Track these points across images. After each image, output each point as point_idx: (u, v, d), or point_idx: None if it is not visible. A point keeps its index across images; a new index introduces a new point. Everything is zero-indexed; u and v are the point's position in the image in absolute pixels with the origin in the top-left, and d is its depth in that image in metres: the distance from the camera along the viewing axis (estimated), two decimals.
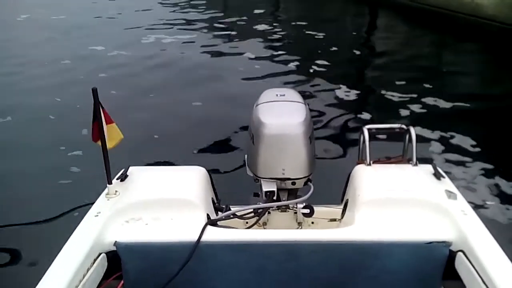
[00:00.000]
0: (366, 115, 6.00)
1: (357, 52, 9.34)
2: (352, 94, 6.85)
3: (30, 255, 3.56)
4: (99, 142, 1.87)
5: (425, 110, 6.24)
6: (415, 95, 6.66)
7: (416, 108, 6.28)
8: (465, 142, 5.23)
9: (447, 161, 4.73)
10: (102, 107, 1.84)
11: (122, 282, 1.75)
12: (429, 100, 6.51)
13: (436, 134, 5.39)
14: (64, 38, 10.40)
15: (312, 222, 2.26)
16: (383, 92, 6.87)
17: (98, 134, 1.86)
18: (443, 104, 6.42)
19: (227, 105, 6.27)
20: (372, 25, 12.40)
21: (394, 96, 6.72)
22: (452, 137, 5.36)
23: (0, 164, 5.01)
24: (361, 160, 2.24)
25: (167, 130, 5.73)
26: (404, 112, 6.15)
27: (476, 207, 1.88)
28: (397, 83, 7.16)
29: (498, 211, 3.87)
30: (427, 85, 7.08)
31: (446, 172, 2.12)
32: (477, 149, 5.07)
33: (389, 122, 2.36)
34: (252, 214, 2.08)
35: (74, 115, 5.91)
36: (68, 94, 6.93)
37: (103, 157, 1.89)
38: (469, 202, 1.88)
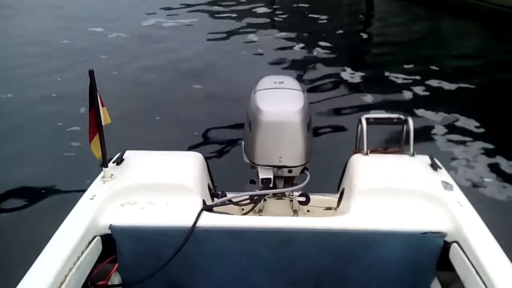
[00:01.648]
0: (364, 103, 5.95)
1: (360, 36, 9.28)
2: (352, 81, 6.81)
3: (24, 237, 3.55)
4: (95, 125, 1.85)
5: (425, 97, 6.21)
6: (416, 80, 6.63)
7: (416, 95, 6.25)
8: (466, 132, 5.21)
9: (445, 152, 4.73)
10: (97, 90, 1.82)
11: (116, 265, 1.76)
12: (431, 86, 6.48)
13: (435, 124, 5.38)
14: (62, 17, 10.31)
15: (308, 210, 2.26)
16: (383, 78, 6.82)
17: (94, 116, 1.84)
18: (445, 88, 6.40)
19: (225, 90, 6.23)
20: (371, 8, 12.28)
21: (394, 83, 6.68)
22: (451, 127, 5.34)
23: None
24: (358, 150, 2.24)
25: (164, 115, 5.70)
26: (403, 100, 6.12)
27: (473, 197, 1.87)
28: (398, 68, 7.12)
29: (494, 203, 3.90)
30: (428, 69, 7.05)
31: (443, 163, 2.12)
32: (477, 140, 5.05)
33: (387, 112, 2.35)
34: (248, 201, 2.08)
35: (74, 94, 5.87)
36: (69, 74, 6.91)
37: (99, 140, 1.88)
38: (466, 193, 1.88)
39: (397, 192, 1.83)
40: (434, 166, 2.03)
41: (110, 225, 1.71)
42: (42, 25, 9.77)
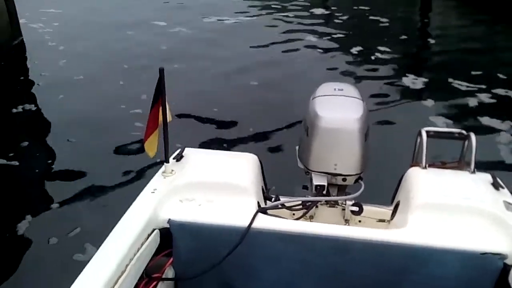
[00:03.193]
0: (425, 112, 5.77)
1: (422, 40, 8.95)
2: (414, 88, 6.60)
3: (87, 226, 3.73)
4: (160, 120, 1.92)
5: (490, 106, 5.95)
6: (481, 88, 6.36)
7: (481, 103, 6.00)
8: None
9: (509, 171, 4.51)
10: (165, 88, 1.89)
11: (171, 259, 1.82)
12: (497, 94, 6.20)
13: (499, 138, 5.15)
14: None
15: (360, 221, 2.24)
16: (446, 86, 6.57)
17: (158, 112, 1.91)
18: None
19: (282, 94, 6.24)
20: (430, 9, 11.84)
21: (458, 90, 6.42)
22: None
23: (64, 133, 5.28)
24: (415, 163, 2.19)
25: (220, 114, 5.80)
26: (467, 109, 5.88)
27: None
28: (462, 75, 6.82)
29: None
30: (494, 76, 6.74)
31: (505, 183, 2.04)
32: None
33: (450, 122, 2.29)
34: (301, 206, 2.09)
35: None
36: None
37: (164, 135, 1.95)
38: None
39: (456, 208, 1.79)
40: (496, 185, 1.95)
41: (169, 219, 1.77)
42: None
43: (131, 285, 1.59)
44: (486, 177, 2.03)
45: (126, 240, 1.61)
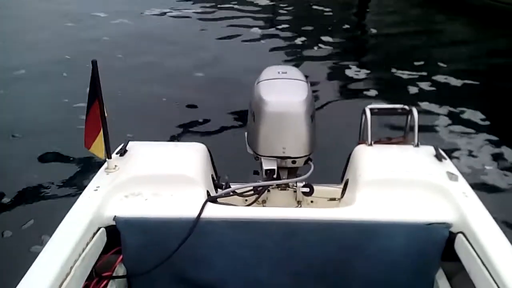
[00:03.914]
0: (369, 96, 5.94)
1: (366, 29, 9.19)
2: (357, 73, 6.77)
3: (28, 227, 3.54)
4: (99, 117, 1.84)
5: (431, 91, 6.18)
6: (422, 75, 6.59)
7: (422, 89, 6.22)
8: (470, 124, 5.21)
9: (449, 143, 4.73)
10: (99, 82, 1.80)
11: (121, 256, 1.76)
12: (437, 81, 6.44)
13: (440, 116, 5.37)
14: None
15: (312, 201, 2.26)
16: (388, 72, 6.79)
17: (97, 109, 1.82)
18: (452, 84, 6.37)
19: (228, 81, 6.22)
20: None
21: (400, 77, 6.64)
22: (456, 119, 5.32)
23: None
24: (362, 140, 2.23)
25: (166, 106, 5.69)
26: (408, 93, 6.09)
27: (478, 187, 1.87)
28: (404, 62, 7.07)
29: (500, 192, 3.88)
30: (435, 64, 7.00)
31: (447, 154, 2.11)
32: (482, 131, 5.05)
33: (391, 102, 2.34)
34: (252, 192, 2.08)
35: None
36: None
37: (103, 131, 1.87)
38: (471, 183, 1.87)
39: (402, 183, 1.83)
40: (438, 157, 2.02)
41: (115, 216, 1.71)
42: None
43: (79, 286, 1.52)
44: (429, 149, 2.09)
45: (69, 241, 1.54)
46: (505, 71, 6.95)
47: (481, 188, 3.79)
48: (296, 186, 2.23)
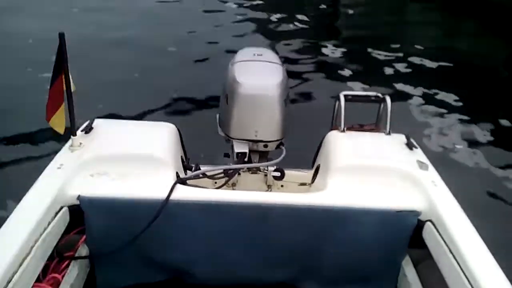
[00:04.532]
0: (344, 78, 5.92)
1: (343, 10, 9.15)
2: (333, 56, 6.76)
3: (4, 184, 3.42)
4: (62, 91, 1.75)
5: (406, 74, 6.24)
6: (399, 57, 6.65)
7: (397, 71, 6.28)
8: (443, 103, 5.30)
9: (420, 131, 4.77)
10: (66, 55, 1.72)
11: (84, 237, 1.70)
12: (413, 63, 6.51)
13: (413, 102, 5.42)
14: None
15: (282, 186, 2.24)
16: (365, 54, 6.81)
17: (61, 82, 1.74)
18: (427, 66, 6.47)
19: (201, 61, 6.11)
20: None
21: (375, 59, 6.67)
22: (429, 98, 5.39)
23: None
24: (335, 126, 2.22)
25: (135, 83, 5.54)
26: (383, 75, 6.12)
27: (448, 177, 1.89)
28: (381, 45, 7.12)
29: (469, 184, 3.96)
30: (412, 47, 7.06)
31: (418, 142, 2.13)
32: (454, 110, 5.15)
33: (366, 88, 2.33)
34: (222, 175, 2.04)
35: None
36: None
37: (68, 107, 1.79)
38: (440, 172, 1.89)
39: (373, 170, 1.83)
40: (409, 145, 2.03)
41: (79, 195, 1.64)
42: None
43: (38, 267, 1.46)
44: (401, 138, 2.10)
45: (29, 220, 1.46)
46: (479, 53, 7.05)
47: (452, 168, 3.83)
48: (267, 170, 2.21)
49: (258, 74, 2.15)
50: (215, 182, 2.08)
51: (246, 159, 2.13)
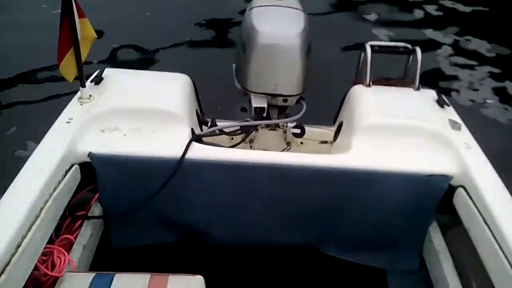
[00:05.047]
0: (369, 25, 5.53)
1: None
2: (356, 1, 6.27)
3: (25, 125, 3.36)
4: (70, 36, 1.63)
5: (436, 18, 5.83)
6: (426, 4, 6.19)
7: (428, 15, 5.85)
8: (475, 54, 4.94)
9: (450, 86, 4.37)
10: None
11: (97, 195, 1.63)
12: (444, 6, 6.09)
13: (444, 44, 5.09)
14: None
15: (302, 143, 2.15)
16: (394, 2, 6.31)
17: (68, 29, 1.61)
18: (460, 10, 6.01)
19: (217, 4, 5.74)
20: None
21: (401, 5, 6.19)
22: (460, 47, 5.05)
23: None
24: (359, 80, 2.07)
25: (146, 22, 5.24)
26: (414, 14, 5.73)
27: (480, 137, 1.75)
28: None
29: (503, 143, 3.75)
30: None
31: (449, 92, 1.98)
32: (485, 62, 4.81)
33: (391, 37, 2.14)
34: (239, 131, 1.94)
35: None
36: None
37: (75, 56, 1.67)
38: (473, 133, 1.76)
39: (402, 129, 1.71)
40: (440, 103, 1.89)
41: (90, 152, 1.56)
42: None
43: (49, 228, 1.40)
44: (431, 94, 1.96)
45: (39, 179, 1.38)
46: None
47: (483, 126, 3.56)
48: (286, 126, 2.10)
49: (278, 22, 1.99)
50: (232, 138, 1.99)
51: (264, 114, 2.01)
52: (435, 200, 1.60)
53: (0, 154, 3.24)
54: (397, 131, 1.70)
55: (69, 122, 1.65)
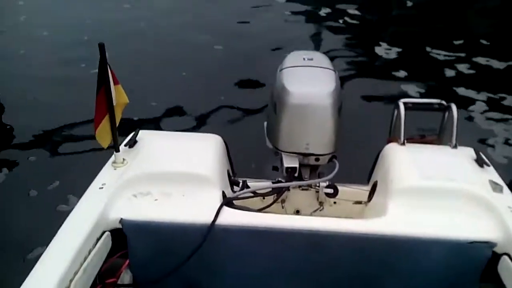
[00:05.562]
0: (400, 83, 5.45)
1: (398, 6, 8.57)
2: (388, 58, 6.21)
3: (29, 227, 3.29)
4: (105, 106, 1.68)
5: (469, 76, 5.66)
6: (460, 57, 6.06)
7: (460, 73, 5.71)
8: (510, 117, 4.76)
9: (487, 144, 4.17)
10: (109, 66, 1.65)
11: (127, 262, 1.61)
12: (477, 64, 5.91)
13: (480, 110, 4.90)
14: None
15: (335, 202, 2.08)
16: (423, 55, 6.22)
17: (104, 96, 1.67)
18: (494, 67, 5.83)
19: (248, 65, 5.75)
20: None
21: (435, 60, 6.08)
22: (498, 113, 4.83)
23: None
24: (393, 138, 2.03)
25: (182, 82, 5.40)
26: (444, 79, 5.59)
27: None
28: (439, 43, 6.46)
29: None
30: (475, 45, 6.43)
31: (488, 153, 1.90)
32: None
33: (426, 94, 2.11)
34: (271, 192, 1.91)
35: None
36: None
37: (110, 122, 1.71)
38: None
39: (440, 192, 1.63)
40: (479, 162, 1.80)
41: (121, 219, 1.55)
42: None
43: None
44: (469, 152, 1.88)
45: (70, 248, 1.38)
46: None
47: None
48: (318, 186, 2.05)
49: (309, 82, 2.00)
50: (263, 198, 1.96)
51: (296, 174, 1.99)
52: (478, 269, 1.49)
53: (43, 208, 3.34)
54: (435, 194, 1.62)
55: (102, 187, 1.66)
